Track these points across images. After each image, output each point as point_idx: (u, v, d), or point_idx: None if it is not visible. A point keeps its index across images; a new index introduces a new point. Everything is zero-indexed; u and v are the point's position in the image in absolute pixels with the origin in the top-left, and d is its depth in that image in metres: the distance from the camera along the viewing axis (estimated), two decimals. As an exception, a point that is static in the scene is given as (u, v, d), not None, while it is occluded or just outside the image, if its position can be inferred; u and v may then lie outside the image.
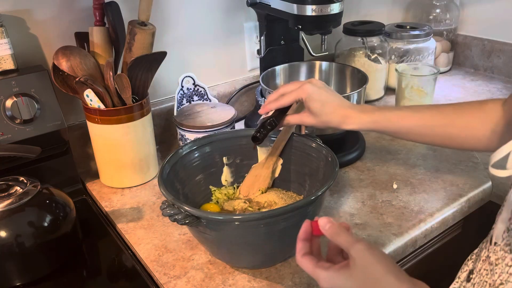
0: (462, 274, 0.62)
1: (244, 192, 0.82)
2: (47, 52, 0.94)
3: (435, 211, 0.84)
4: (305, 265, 0.52)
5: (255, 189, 0.82)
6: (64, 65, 0.84)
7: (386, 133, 0.76)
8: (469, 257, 0.64)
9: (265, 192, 0.83)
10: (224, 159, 0.84)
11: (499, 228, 0.55)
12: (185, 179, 0.79)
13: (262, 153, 0.85)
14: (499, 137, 0.68)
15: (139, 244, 0.80)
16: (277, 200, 0.79)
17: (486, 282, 0.55)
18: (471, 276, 0.60)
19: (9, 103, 0.83)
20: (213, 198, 0.83)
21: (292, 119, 0.77)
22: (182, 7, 1.09)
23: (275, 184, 0.85)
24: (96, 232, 0.86)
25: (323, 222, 0.52)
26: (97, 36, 0.89)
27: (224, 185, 0.86)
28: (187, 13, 1.10)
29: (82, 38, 0.92)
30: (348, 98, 0.95)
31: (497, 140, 0.69)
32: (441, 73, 1.50)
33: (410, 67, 1.16)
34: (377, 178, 0.95)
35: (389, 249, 0.76)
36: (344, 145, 1.03)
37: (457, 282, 0.62)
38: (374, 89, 1.32)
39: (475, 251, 0.63)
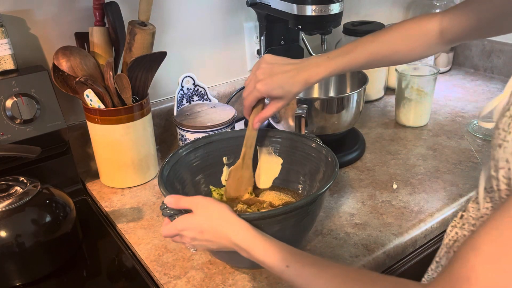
0: (459, 213, 0.62)
1: (232, 195, 0.82)
2: (47, 52, 0.94)
3: (435, 211, 0.84)
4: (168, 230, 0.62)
5: (242, 191, 0.82)
6: (64, 65, 0.84)
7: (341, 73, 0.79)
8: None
9: (265, 191, 0.83)
10: (224, 159, 0.84)
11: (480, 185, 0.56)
12: (185, 179, 0.79)
13: (262, 152, 0.85)
14: (434, 51, 0.80)
15: (139, 244, 0.80)
16: (277, 200, 0.79)
17: (471, 217, 0.58)
18: (463, 214, 0.60)
19: (9, 103, 0.83)
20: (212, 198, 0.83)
21: (267, 112, 0.77)
22: (182, 7, 1.09)
23: (275, 184, 0.85)
24: (96, 232, 0.86)
25: (167, 200, 0.62)
26: (97, 36, 0.89)
27: (224, 185, 0.85)
28: (187, 13, 1.10)
29: (82, 38, 0.92)
30: (348, 98, 0.95)
31: (431, 53, 0.80)
32: (441, 73, 1.50)
33: (410, 67, 1.16)
34: (377, 178, 0.95)
35: (389, 249, 0.76)
36: (344, 145, 1.03)
37: (454, 221, 0.62)
38: (374, 89, 1.32)
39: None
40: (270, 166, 0.85)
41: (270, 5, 1.02)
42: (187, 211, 0.62)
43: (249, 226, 0.58)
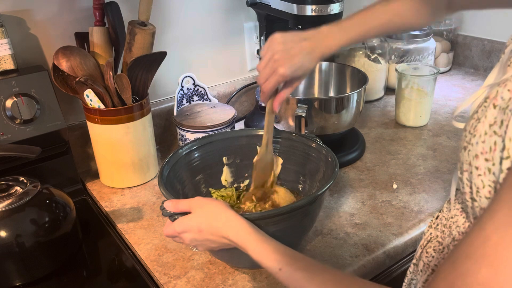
0: (436, 213, 0.63)
1: (260, 183, 0.82)
2: (47, 52, 0.94)
3: (435, 211, 0.84)
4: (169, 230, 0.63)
5: (268, 175, 0.82)
6: (64, 65, 0.84)
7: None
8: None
9: (277, 188, 0.83)
10: (224, 159, 0.84)
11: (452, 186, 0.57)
12: (185, 179, 0.79)
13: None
14: (440, 19, 0.86)
15: (139, 244, 0.80)
16: (282, 200, 0.79)
17: (444, 217, 0.58)
18: (439, 214, 0.61)
19: (9, 103, 0.83)
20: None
21: (287, 92, 0.75)
22: (182, 7, 1.09)
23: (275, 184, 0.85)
24: (96, 232, 0.86)
25: (166, 204, 0.63)
26: (97, 36, 0.89)
27: (224, 186, 0.85)
28: (187, 13, 1.10)
29: (82, 38, 0.92)
30: (348, 98, 0.95)
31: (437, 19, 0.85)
32: (441, 73, 1.50)
33: (410, 67, 1.16)
34: (377, 178, 0.95)
35: (389, 249, 0.76)
36: (344, 145, 1.03)
37: (431, 221, 0.63)
38: (374, 89, 1.32)
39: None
40: None
41: (270, 5, 1.02)
42: (186, 213, 0.62)
43: (246, 223, 0.58)
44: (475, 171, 0.44)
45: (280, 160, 0.84)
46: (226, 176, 0.85)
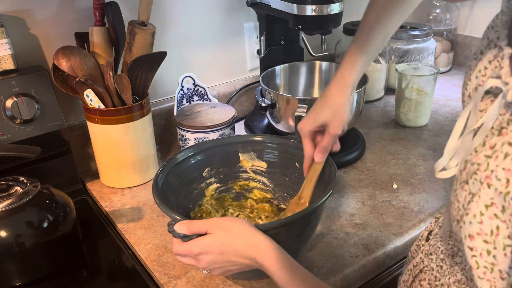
0: (425, 233, 0.62)
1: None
2: (47, 52, 0.94)
3: (435, 211, 0.84)
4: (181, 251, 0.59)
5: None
6: (64, 65, 0.84)
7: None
8: (436, 215, 0.63)
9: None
10: (207, 170, 0.82)
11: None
12: (178, 188, 0.76)
13: (243, 158, 0.83)
14: None
15: (139, 244, 0.80)
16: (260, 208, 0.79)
17: (439, 248, 0.56)
18: (429, 236, 0.59)
19: (9, 103, 0.83)
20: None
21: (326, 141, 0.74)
22: (182, 7, 1.09)
23: (270, 188, 0.85)
24: (96, 232, 0.86)
25: (178, 227, 0.58)
26: (97, 36, 0.89)
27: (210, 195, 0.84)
28: (187, 13, 1.10)
29: (82, 38, 0.92)
30: (348, 98, 0.95)
31: None
32: (441, 73, 1.50)
33: (410, 67, 1.16)
34: (377, 178, 0.95)
35: (389, 249, 0.76)
36: (344, 145, 1.02)
37: (419, 240, 0.62)
38: (374, 89, 1.32)
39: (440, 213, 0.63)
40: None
41: (270, 5, 1.02)
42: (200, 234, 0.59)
43: (272, 245, 0.55)
44: (468, 251, 0.42)
45: (264, 165, 0.83)
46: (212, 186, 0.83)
